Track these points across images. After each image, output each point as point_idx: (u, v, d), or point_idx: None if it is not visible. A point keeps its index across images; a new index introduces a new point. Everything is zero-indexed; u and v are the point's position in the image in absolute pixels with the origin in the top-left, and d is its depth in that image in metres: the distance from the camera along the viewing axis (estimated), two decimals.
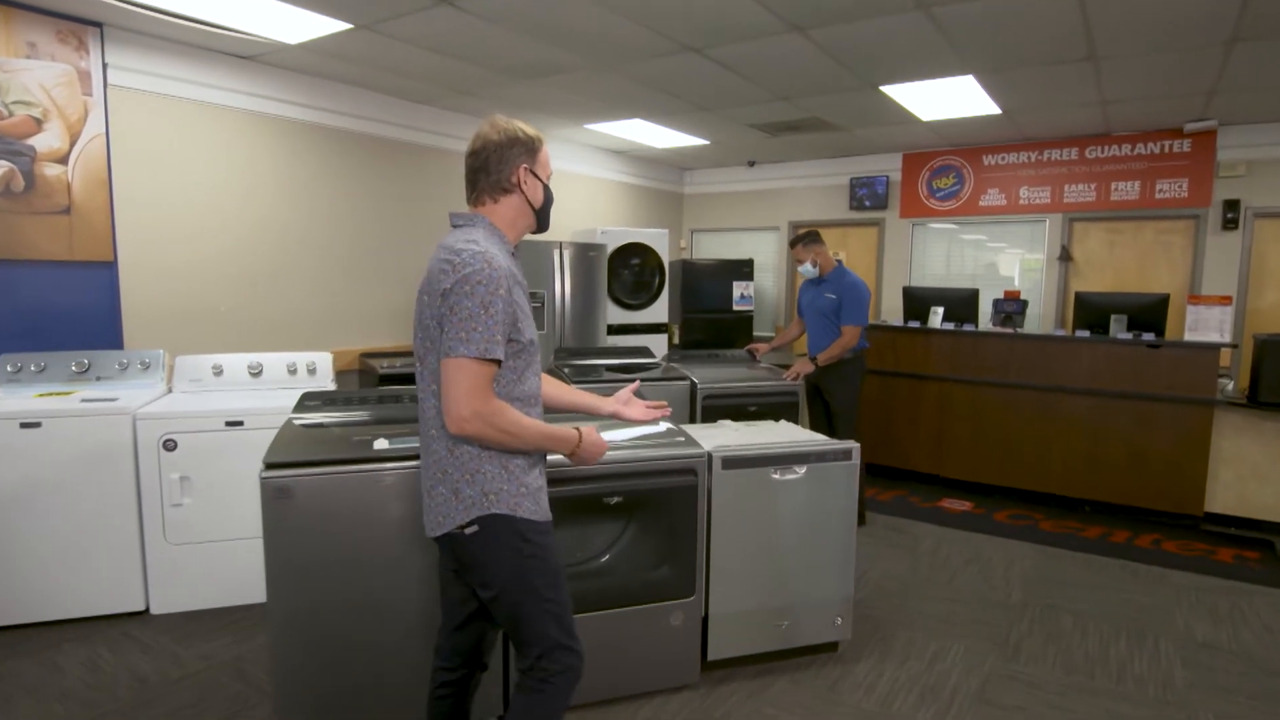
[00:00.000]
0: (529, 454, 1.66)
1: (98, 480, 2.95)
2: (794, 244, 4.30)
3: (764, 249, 7.55)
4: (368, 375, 4.47)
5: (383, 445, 2.22)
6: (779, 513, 2.66)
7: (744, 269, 7.02)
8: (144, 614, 3.07)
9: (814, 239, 4.24)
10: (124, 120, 3.63)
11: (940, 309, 5.23)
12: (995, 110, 4.89)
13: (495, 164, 1.66)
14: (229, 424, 3.08)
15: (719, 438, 2.75)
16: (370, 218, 4.78)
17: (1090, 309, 4.80)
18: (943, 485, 5.14)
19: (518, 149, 1.67)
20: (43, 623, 2.95)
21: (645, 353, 4.50)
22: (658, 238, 6.22)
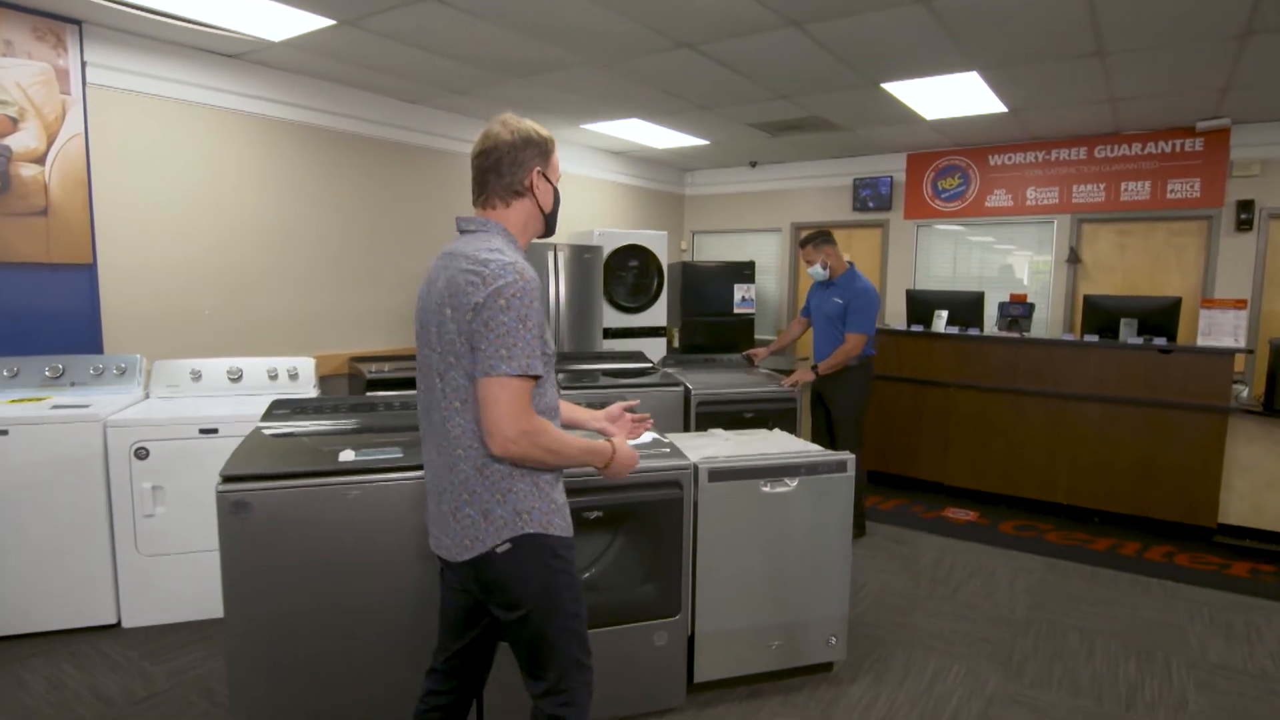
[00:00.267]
0: (555, 469, 1.59)
1: (68, 490, 2.86)
2: (804, 244, 4.13)
3: (766, 251, 7.42)
4: (356, 380, 4.38)
5: (349, 457, 2.11)
6: (769, 527, 2.54)
7: (745, 271, 6.89)
8: (115, 627, 2.98)
9: (825, 239, 4.08)
10: (104, 119, 3.54)
11: (945, 312, 5.13)
12: (1001, 108, 4.76)
13: (508, 166, 1.58)
14: (203, 431, 2.99)
15: (707, 448, 2.64)
16: (360, 219, 4.68)
17: (1099, 313, 4.66)
18: (946, 494, 5.00)
19: (531, 150, 1.59)
20: (10, 636, 2.86)
21: (640, 358, 4.38)
22: (656, 239, 6.11)
